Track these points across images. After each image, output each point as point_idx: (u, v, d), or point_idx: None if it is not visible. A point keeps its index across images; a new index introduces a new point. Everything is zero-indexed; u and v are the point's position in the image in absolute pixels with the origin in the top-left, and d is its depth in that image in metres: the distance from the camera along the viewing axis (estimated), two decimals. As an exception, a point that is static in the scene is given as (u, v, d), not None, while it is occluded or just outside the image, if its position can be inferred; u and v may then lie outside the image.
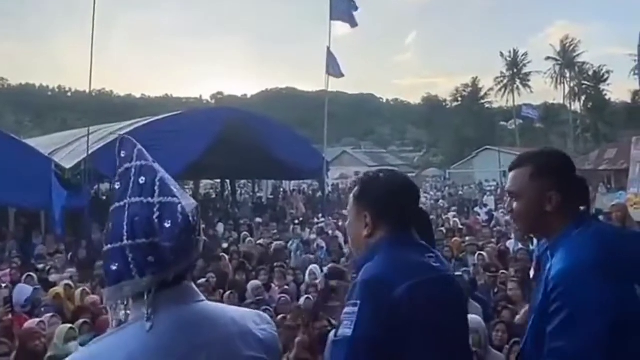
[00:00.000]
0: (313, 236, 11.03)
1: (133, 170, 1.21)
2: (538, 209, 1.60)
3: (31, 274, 6.63)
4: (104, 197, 18.29)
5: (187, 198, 1.18)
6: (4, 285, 5.94)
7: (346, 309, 1.55)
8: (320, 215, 14.67)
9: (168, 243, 1.10)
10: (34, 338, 3.83)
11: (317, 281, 6.11)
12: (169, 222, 1.11)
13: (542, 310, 1.51)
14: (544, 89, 78.70)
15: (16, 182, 9.67)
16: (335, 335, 1.57)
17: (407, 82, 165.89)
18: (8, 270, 7.02)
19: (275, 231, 11.91)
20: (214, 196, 23.71)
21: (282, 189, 24.72)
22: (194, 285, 1.23)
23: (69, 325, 4.15)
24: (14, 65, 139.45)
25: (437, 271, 1.61)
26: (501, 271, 6.21)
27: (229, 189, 22.84)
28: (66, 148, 12.22)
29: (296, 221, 12.93)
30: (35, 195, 10.00)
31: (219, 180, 24.59)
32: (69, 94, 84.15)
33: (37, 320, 4.31)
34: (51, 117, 61.58)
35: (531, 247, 8.26)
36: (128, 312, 1.14)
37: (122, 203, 1.17)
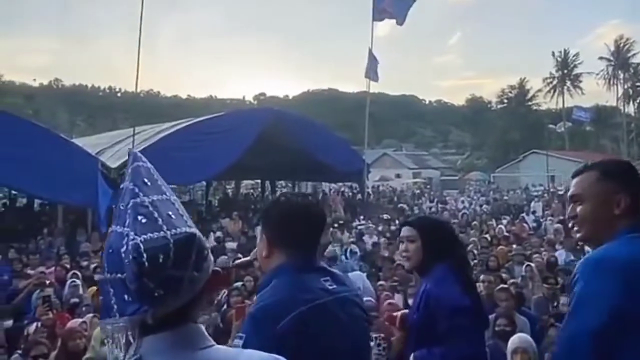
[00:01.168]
0: (352, 239, 10.87)
1: (123, 190, 1.08)
2: (605, 212, 1.56)
3: (76, 272, 6.76)
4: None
5: (174, 226, 1.01)
6: (47, 282, 6.06)
7: (235, 341, 1.60)
8: (360, 218, 14.48)
9: (130, 284, 0.96)
10: (74, 337, 3.86)
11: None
12: (129, 259, 0.96)
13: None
14: (595, 91, 75.55)
15: (64, 179, 9.99)
16: None
17: (450, 84, 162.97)
18: (53, 268, 7.20)
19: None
20: (255, 196, 23.90)
21: (321, 191, 24.68)
22: (200, 328, 1.06)
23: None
24: (67, 66, 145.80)
25: (331, 294, 1.68)
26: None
27: (269, 189, 22.97)
28: (112, 148, 12.54)
29: (335, 224, 12.76)
30: (82, 193, 10.29)
31: (259, 181, 24.77)
32: (119, 94, 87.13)
33: (80, 320, 4.35)
34: (102, 116, 63.93)
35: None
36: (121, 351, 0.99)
37: (110, 229, 1.06)
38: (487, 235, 10.73)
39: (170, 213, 1.02)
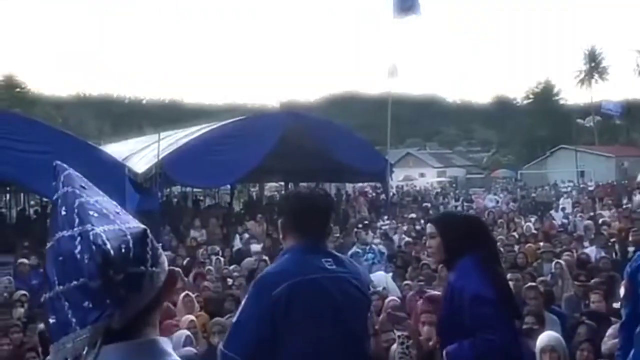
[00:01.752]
0: (377, 240, 10.81)
1: (58, 201, 1.02)
2: None
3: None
4: (175, 200, 19.04)
5: (125, 221, 0.97)
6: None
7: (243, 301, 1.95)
8: (385, 218, 14.41)
9: (93, 282, 0.89)
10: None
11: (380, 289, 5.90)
12: (87, 256, 0.90)
13: None
14: (626, 84, 73.51)
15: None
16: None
17: (475, 81, 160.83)
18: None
19: (338, 235, 11.79)
20: (278, 199, 24.04)
21: (345, 192, 24.66)
22: (160, 339, 0.98)
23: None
24: (92, 75, 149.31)
25: (328, 272, 1.92)
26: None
27: (293, 192, 23.07)
28: (139, 153, 12.78)
29: (359, 225, 12.72)
30: (111, 199, 10.51)
31: (283, 183, 24.90)
32: (144, 101, 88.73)
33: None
34: (128, 123, 65.22)
35: (614, 257, 7.61)
36: None
37: (50, 243, 0.98)
38: (514, 233, 10.55)
39: (117, 211, 1.00)
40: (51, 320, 0.94)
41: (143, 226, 0.97)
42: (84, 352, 0.90)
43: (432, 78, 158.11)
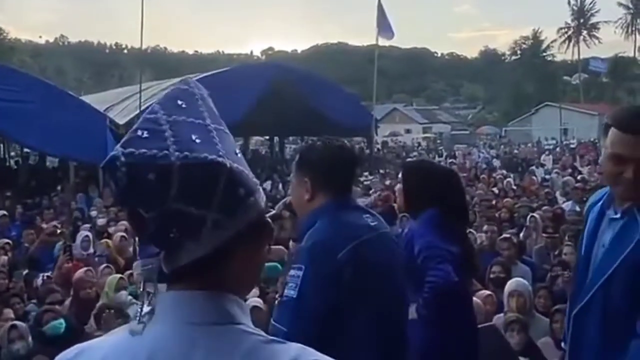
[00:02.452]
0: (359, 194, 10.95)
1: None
2: None
3: (87, 225, 6.97)
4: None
5: (197, 150, 0.76)
6: (58, 231, 6.28)
7: (291, 272, 1.67)
8: (366, 173, 14.54)
9: (147, 213, 0.75)
10: (84, 287, 4.04)
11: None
12: (152, 175, 0.74)
13: (633, 267, 1.54)
14: (613, 41, 73.12)
15: (74, 137, 10.12)
16: (281, 296, 1.72)
17: (464, 35, 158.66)
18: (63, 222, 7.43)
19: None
20: (263, 153, 24.00)
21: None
22: (238, 301, 0.80)
23: (119, 275, 4.34)
24: (72, 22, 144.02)
25: (375, 230, 1.77)
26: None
27: (278, 146, 23.02)
28: (120, 104, 12.59)
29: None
30: (91, 150, 10.42)
31: (268, 137, 24.81)
32: (126, 50, 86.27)
33: (85, 268, 4.55)
34: (109, 74, 63.58)
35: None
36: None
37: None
38: (495, 189, 10.75)
39: (194, 137, 0.77)
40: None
41: (222, 160, 0.76)
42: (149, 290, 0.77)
43: (423, 31, 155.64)
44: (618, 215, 1.67)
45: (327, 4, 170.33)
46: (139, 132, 0.77)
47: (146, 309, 0.76)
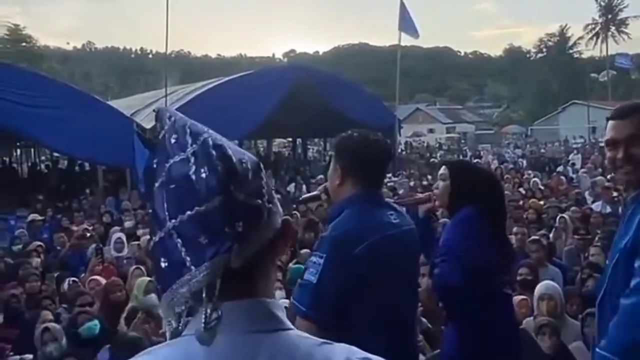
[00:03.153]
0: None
1: (165, 135, 0.86)
2: None
3: (117, 227, 7.10)
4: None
5: (241, 152, 0.82)
6: (87, 235, 6.41)
7: (313, 258, 1.81)
8: (390, 175, 14.45)
9: (209, 203, 0.76)
10: (114, 290, 4.11)
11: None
12: (205, 169, 0.78)
13: (631, 250, 1.57)
14: (643, 36, 71.00)
15: (102, 141, 10.32)
16: (302, 279, 1.83)
17: (487, 34, 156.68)
18: (95, 224, 7.58)
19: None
20: (286, 155, 24.10)
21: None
22: (273, 303, 0.82)
23: (148, 278, 4.40)
24: (99, 28, 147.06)
25: (396, 227, 1.88)
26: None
27: (301, 148, 23.08)
28: (146, 109, 12.79)
29: (367, 180, 12.80)
30: (119, 154, 10.62)
31: (291, 139, 24.89)
32: (150, 55, 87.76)
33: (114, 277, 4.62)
34: (134, 78, 64.78)
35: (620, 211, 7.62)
36: (186, 320, 0.80)
37: (158, 181, 0.82)
38: (521, 189, 10.57)
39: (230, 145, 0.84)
40: (162, 264, 0.78)
41: (256, 158, 0.83)
42: (202, 308, 0.76)
43: (445, 30, 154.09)
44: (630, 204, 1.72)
45: (348, 4, 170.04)
46: (205, 128, 0.84)
47: (214, 315, 0.75)
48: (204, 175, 0.77)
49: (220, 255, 0.76)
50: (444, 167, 2.38)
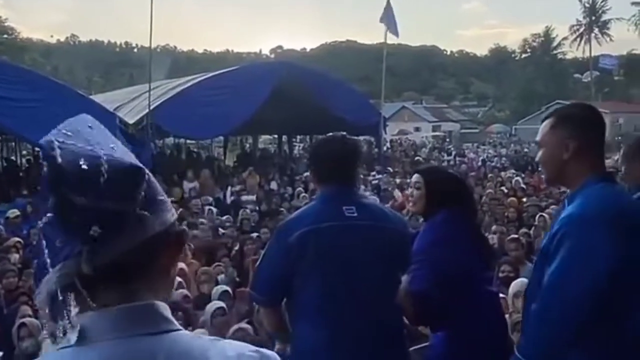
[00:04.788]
0: (368, 193, 10.94)
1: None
2: (557, 157, 1.68)
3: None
4: (169, 152, 19.03)
5: (112, 151, 0.78)
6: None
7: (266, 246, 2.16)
8: (374, 173, 14.53)
9: (47, 202, 0.75)
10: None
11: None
12: (44, 170, 0.76)
13: (545, 251, 1.59)
14: (626, 39, 72.21)
15: (84, 136, 10.19)
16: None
17: (473, 33, 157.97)
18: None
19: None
20: (272, 151, 24.05)
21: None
22: (161, 305, 0.81)
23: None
24: (83, 22, 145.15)
25: (345, 219, 1.98)
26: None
27: (287, 144, 23.04)
28: (130, 104, 12.65)
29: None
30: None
31: (277, 136, 24.84)
32: (135, 49, 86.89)
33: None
34: (119, 73, 64.06)
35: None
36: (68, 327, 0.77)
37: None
38: (503, 188, 10.69)
39: (112, 145, 0.81)
40: (34, 264, 0.83)
41: (138, 164, 0.79)
42: (66, 315, 0.76)
43: (432, 28, 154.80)
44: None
45: (336, 1, 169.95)
46: (64, 131, 0.79)
47: (83, 319, 0.76)
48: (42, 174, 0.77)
49: (71, 258, 0.75)
50: (417, 175, 2.41)
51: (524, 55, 56.35)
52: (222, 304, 4.07)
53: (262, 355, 0.83)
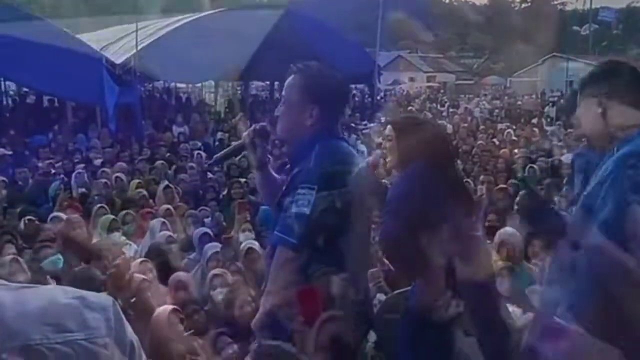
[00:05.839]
0: (359, 141, 10.88)
1: None
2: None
3: (81, 164, 6.95)
4: (158, 95, 18.68)
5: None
6: (52, 171, 6.26)
7: (301, 190, 1.89)
8: (365, 121, 14.43)
9: None
10: (74, 227, 4.06)
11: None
12: None
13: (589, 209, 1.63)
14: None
15: (70, 76, 9.91)
16: (288, 211, 1.90)
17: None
18: (61, 162, 7.41)
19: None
20: (264, 97, 23.69)
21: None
22: None
23: (112, 217, 4.35)
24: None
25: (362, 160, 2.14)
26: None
27: (278, 91, 22.69)
28: (116, 43, 12.26)
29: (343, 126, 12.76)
30: (88, 90, 10.26)
31: (268, 83, 24.40)
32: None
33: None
34: (106, 9, 61.80)
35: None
36: None
37: None
38: (495, 140, 10.67)
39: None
40: None
41: None
42: None
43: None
44: None
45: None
46: None
47: None
48: None
49: None
50: (389, 127, 2.27)
51: (523, 5, 54.99)
52: (218, 247, 4.00)
53: (87, 303, 0.69)
